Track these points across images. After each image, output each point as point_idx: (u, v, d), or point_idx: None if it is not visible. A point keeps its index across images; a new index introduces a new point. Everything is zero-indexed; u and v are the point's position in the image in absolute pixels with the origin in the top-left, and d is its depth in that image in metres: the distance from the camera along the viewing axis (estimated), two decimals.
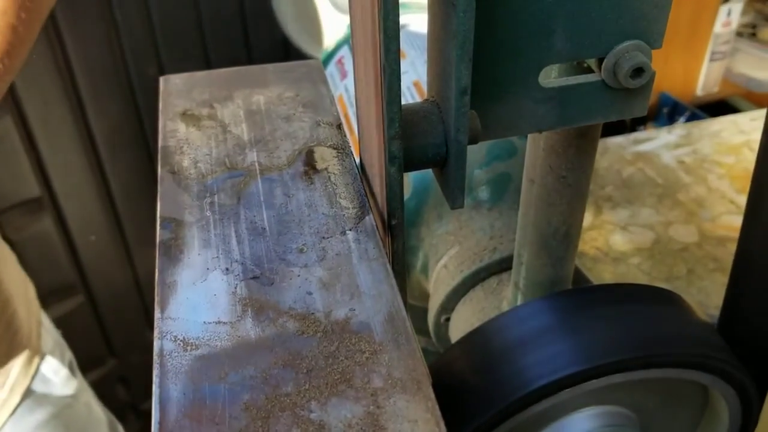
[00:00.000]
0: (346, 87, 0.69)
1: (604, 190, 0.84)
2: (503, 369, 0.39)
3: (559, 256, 0.45)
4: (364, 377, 0.24)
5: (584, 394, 0.40)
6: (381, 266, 0.29)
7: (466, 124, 0.29)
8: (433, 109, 0.31)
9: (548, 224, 0.43)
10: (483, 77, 0.31)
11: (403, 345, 0.25)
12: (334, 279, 0.28)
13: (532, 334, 0.40)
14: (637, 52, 0.32)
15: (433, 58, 0.31)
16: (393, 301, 0.27)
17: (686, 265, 0.74)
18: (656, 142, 0.92)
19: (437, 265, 0.57)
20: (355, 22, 0.31)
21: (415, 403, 0.23)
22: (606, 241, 0.77)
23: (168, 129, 0.39)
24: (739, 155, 0.89)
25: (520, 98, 0.33)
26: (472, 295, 0.54)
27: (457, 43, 0.27)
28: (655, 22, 0.32)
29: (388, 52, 0.26)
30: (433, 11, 0.30)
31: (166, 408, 0.23)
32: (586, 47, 0.32)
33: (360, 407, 0.23)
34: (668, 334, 0.40)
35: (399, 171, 0.29)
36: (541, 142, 0.40)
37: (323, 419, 0.23)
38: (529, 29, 0.31)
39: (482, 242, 0.55)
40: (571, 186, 0.41)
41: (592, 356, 0.38)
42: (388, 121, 0.28)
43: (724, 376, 0.40)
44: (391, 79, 0.26)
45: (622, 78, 0.32)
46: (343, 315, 0.27)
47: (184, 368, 0.25)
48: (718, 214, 0.80)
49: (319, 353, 0.25)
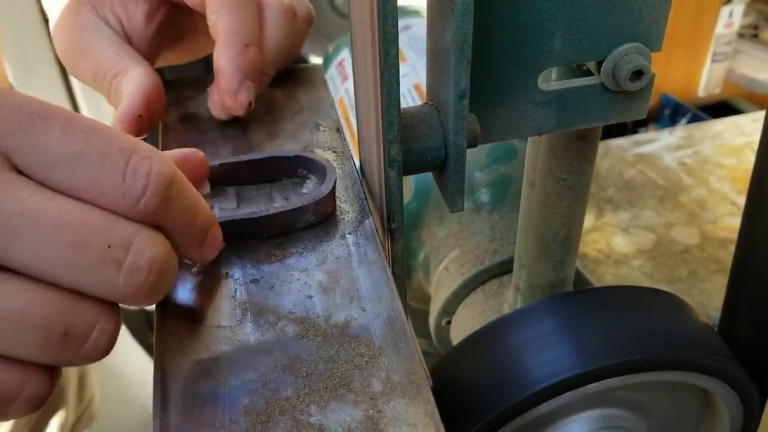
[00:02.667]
0: (346, 90, 0.69)
1: (606, 192, 0.84)
2: (504, 371, 0.39)
3: (560, 259, 0.45)
4: (364, 381, 0.24)
5: (585, 396, 0.39)
6: (380, 270, 0.29)
7: (465, 128, 0.29)
8: (432, 112, 0.31)
9: (548, 227, 0.43)
10: (482, 80, 0.31)
11: (402, 349, 0.25)
12: (334, 283, 0.28)
13: (533, 337, 0.40)
14: (637, 54, 0.32)
15: (432, 62, 0.31)
16: (392, 305, 0.27)
17: (688, 267, 0.74)
18: (657, 143, 0.92)
19: (438, 268, 0.57)
20: (354, 24, 0.31)
21: (414, 407, 0.23)
22: (607, 243, 0.77)
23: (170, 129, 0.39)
24: (741, 157, 0.89)
25: (520, 101, 0.33)
26: (473, 297, 0.54)
27: (455, 47, 0.27)
28: (654, 24, 0.32)
29: (387, 55, 0.26)
30: (432, 15, 0.30)
31: (166, 411, 0.23)
32: (585, 50, 0.32)
33: (359, 411, 0.23)
34: (669, 337, 0.40)
35: (398, 174, 0.29)
36: (541, 145, 0.40)
37: (323, 423, 0.23)
38: (528, 32, 0.31)
39: (483, 245, 0.54)
40: (571, 189, 0.41)
41: (593, 359, 0.38)
42: (387, 124, 0.28)
43: (725, 379, 0.40)
44: (390, 82, 0.26)
45: (621, 81, 0.32)
46: (342, 319, 0.27)
47: (184, 372, 0.25)
48: (720, 215, 0.80)
49: (318, 357, 0.25)
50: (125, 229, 0.23)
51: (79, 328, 0.23)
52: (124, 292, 0.23)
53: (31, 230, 0.22)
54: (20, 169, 0.23)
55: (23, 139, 0.23)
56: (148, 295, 0.24)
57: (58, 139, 0.23)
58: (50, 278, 0.23)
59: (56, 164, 0.23)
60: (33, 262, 0.22)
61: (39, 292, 0.22)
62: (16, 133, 0.23)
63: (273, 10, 0.38)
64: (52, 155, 0.23)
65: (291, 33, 0.39)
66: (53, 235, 0.22)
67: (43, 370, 0.23)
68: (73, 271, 0.23)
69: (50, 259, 0.22)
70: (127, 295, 0.24)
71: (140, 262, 0.23)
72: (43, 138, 0.23)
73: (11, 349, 0.22)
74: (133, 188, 0.23)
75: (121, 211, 0.24)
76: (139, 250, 0.23)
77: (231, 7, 0.36)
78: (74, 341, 0.23)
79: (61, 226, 0.22)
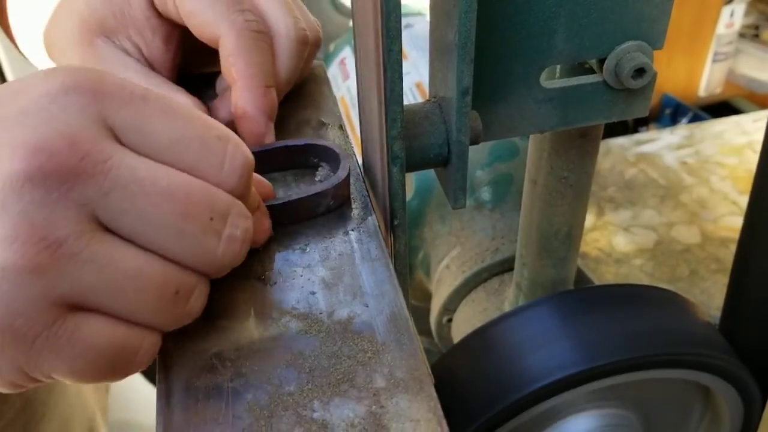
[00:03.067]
0: (348, 88, 0.69)
1: (607, 191, 0.84)
2: (505, 369, 0.39)
3: (561, 257, 0.45)
4: (367, 377, 0.24)
5: (586, 394, 0.40)
6: (384, 267, 0.29)
7: (467, 125, 0.30)
8: (435, 109, 0.31)
9: (550, 225, 0.43)
10: (484, 77, 0.31)
11: (405, 345, 0.25)
12: (337, 279, 0.28)
13: (534, 335, 0.40)
14: (639, 52, 0.32)
15: (435, 59, 0.31)
16: (396, 302, 0.27)
17: (689, 266, 0.74)
18: (659, 143, 0.92)
19: (439, 266, 0.57)
20: (357, 22, 0.31)
21: (417, 402, 0.23)
22: (608, 242, 0.77)
23: None
24: (742, 156, 0.89)
25: (522, 99, 0.33)
26: (474, 295, 0.54)
27: (458, 44, 0.27)
28: (656, 22, 0.32)
29: (390, 52, 0.26)
30: (435, 12, 0.30)
31: (169, 407, 0.23)
32: (587, 48, 0.32)
33: (362, 407, 0.23)
34: (670, 335, 0.40)
35: (401, 171, 0.29)
36: (543, 143, 0.40)
37: (326, 418, 0.23)
38: (531, 30, 0.31)
39: (484, 243, 0.55)
40: (572, 186, 0.41)
41: (594, 356, 0.38)
42: (390, 121, 0.28)
43: (725, 377, 0.40)
44: (392, 79, 0.27)
45: (624, 78, 0.32)
46: (345, 315, 0.27)
47: (187, 367, 0.25)
48: (721, 215, 0.80)
49: (321, 353, 0.25)
50: (224, 202, 0.25)
51: (186, 287, 0.25)
52: (221, 260, 0.25)
53: (143, 199, 0.23)
54: (124, 143, 0.24)
55: (129, 118, 0.24)
56: (234, 265, 0.26)
57: (160, 121, 0.24)
58: (156, 246, 0.24)
59: (159, 145, 0.24)
60: (144, 230, 0.23)
61: (149, 255, 0.24)
62: (121, 110, 0.24)
63: (285, 44, 0.38)
64: (155, 136, 0.24)
65: (301, 62, 0.40)
66: (163, 205, 0.23)
67: (154, 331, 0.25)
68: (180, 239, 0.24)
69: (160, 228, 0.24)
70: (224, 264, 0.25)
71: (236, 233, 0.25)
72: (147, 119, 0.24)
73: (133, 308, 0.23)
74: (231, 175, 0.25)
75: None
76: (235, 222, 0.25)
77: (249, 50, 0.36)
78: (182, 300, 0.25)
79: (171, 197, 0.24)
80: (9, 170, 0.22)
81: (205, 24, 0.36)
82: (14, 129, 0.22)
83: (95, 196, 0.22)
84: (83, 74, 0.24)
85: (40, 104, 0.23)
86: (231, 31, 0.36)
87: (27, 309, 0.22)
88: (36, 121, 0.22)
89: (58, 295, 0.22)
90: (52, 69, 0.24)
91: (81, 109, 0.23)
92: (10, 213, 0.21)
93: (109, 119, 0.24)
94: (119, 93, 0.24)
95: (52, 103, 0.23)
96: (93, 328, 0.23)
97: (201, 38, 0.37)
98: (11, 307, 0.21)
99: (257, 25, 0.36)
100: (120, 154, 0.23)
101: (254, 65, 0.36)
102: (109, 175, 0.23)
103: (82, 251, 0.22)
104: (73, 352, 0.23)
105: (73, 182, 0.22)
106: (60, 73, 0.24)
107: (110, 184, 0.23)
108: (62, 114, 0.23)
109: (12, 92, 0.24)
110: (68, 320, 0.22)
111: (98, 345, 0.23)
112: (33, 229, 0.21)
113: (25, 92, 0.23)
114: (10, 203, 0.21)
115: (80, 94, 0.23)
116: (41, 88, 0.23)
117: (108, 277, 0.23)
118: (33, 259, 0.21)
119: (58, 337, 0.22)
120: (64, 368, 0.23)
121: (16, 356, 0.22)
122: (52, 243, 0.22)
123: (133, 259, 0.23)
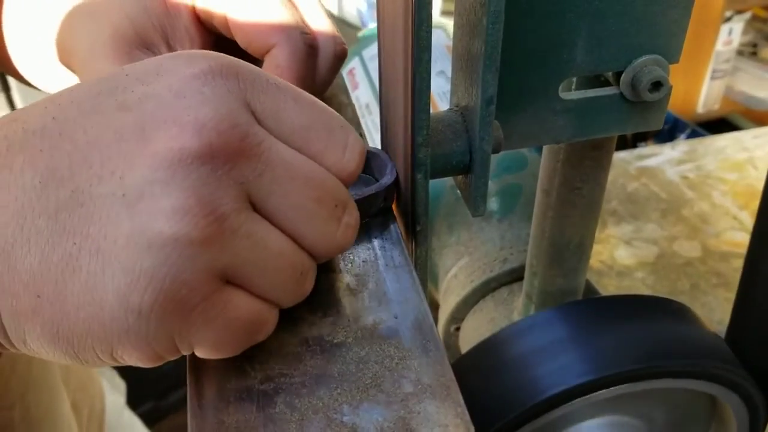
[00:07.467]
0: (357, 98, 0.70)
1: (609, 205, 0.85)
2: (514, 378, 0.39)
3: (572, 267, 0.45)
4: (395, 382, 0.24)
5: (594, 404, 0.40)
6: (407, 273, 0.29)
7: (490, 133, 0.30)
8: (458, 117, 0.32)
9: (562, 235, 0.43)
10: (506, 88, 0.32)
11: (431, 351, 0.26)
12: (362, 286, 0.29)
13: (543, 344, 0.40)
14: (655, 66, 0.33)
15: (459, 68, 0.32)
16: (420, 308, 0.27)
17: (690, 280, 0.75)
18: (660, 157, 0.93)
19: (447, 275, 0.57)
20: (384, 31, 0.32)
21: (445, 408, 0.24)
22: (611, 255, 0.78)
23: None
24: (743, 172, 0.89)
25: (541, 109, 0.33)
26: (482, 305, 0.54)
27: (485, 54, 0.28)
28: (673, 37, 0.33)
29: (420, 61, 0.26)
30: (460, 22, 0.30)
31: (201, 409, 0.24)
32: (606, 61, 0.33)
33: (391, 411, 0.23)
34: (677, 345, 0.40)
35: (425, 178, 0.30)
36: (557, 154, 0.40)
37: (355, 422, 0.23)
38: (552, 42, 0.31)
39: (492, 253, 0.55)
40: (585, 197, 0.41)
41: (602, 366, 0.38)
42: (417, 129, 0.28)
43: (732, 387, 0.40)
44: (421, 87, 0.27)
45: (640, 91, 0.33)
46: (371, 321, 0.27)
47: (218, 372, 0.25)
48: (722, 229, 0.80)
49: (349, 358, 0.25)
50: (344, 191, 0.26)
51: (307, 268, 0.26)
52: (337, 245, 0.26)
53: (288, 182, 0.24)
54: (264, 127, 0.25)
55: (267, 103, 0.25)
56: (343, 251, 0.27)
57: (293, 108, 0.25)
58: (290, 227, 0.25)
59: (291, 131, 0.25)
60: (285, 211, 0.24)
61: (285, 236, 0.25)
62: (261, 96, 0.25)
63: (329, 59, 0.39)
64: (289, 123, 0.25)
65: (335, 76, 0.41)
66: (304, 189, 0.25)
67: (277, 308, 0.26)
68: (310, 222, 0.25)
69: (297, 209, 0.25)
70: (338, 249, 0.26)
71: (351, 221, 0.27)
72: (282, 106, 0.25)
73: (271, 285, 0.25)
74: (350, 163, 0.27)
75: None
76: (351, 211, 0.27)
77: (299, 64, 0.37)
78: (304, 280, 0.26)
79: (310, 182, 0.25)
80: (179, 147, 0.22)
81: (257, 34, 0.37)
82: (175, 107, 0.23)
83: (251, 176, 0.23)
84: (224, 60, 0.25)
85: (193, 86, 0.23)
86: (287, 44, 0.36)
87: (192, 280, 0.22)
88: (195, 101, 0.23)
89: (218, 268, 0.23)
90: (188, 53, 0.25)
91: (230, 93, 0.24)
92: (180, 187, 0.22)
93: (251, 104, 0.25)
94: (258, 79, 0.25)
95: (204, 85, 0.24)
96: (240, 301, 0.24)
97: (247, 49, 0.38)
98: (179, 277, 0.22)
99: (311, 40, 0.37)
100: (269, 138, 0.24)
101: (299, 80, 0.37)
102: (262, 157, 0.24)
103: (241, 227, 0.23)
104: (222, 323, 0.23)
105: (235, 161, 0.23)
106: (201, 57, 0.25)
107: (263, 166, 0.24)
108: (216, 97, 0.23)
109: (152, 72, 0.24)
110: (223, 292, 0.23)
111: (242, 317, 0.24)
112: (202, 202, 0.22)
113: (170, 72, 0.24)
114: (180, 178, 0.22)
115: (226, 78, 0.24)
116: (188, 70, 0.24)
117: (257, 254, 0.24)
118: (204, 231, 0.22)
119: (214, 307, 0.23)
120: (213, 338, 0.24)
121: (173, 325, 0.23)
122: (219, 217, 0.22)
123: (277, 238, 0.24)
